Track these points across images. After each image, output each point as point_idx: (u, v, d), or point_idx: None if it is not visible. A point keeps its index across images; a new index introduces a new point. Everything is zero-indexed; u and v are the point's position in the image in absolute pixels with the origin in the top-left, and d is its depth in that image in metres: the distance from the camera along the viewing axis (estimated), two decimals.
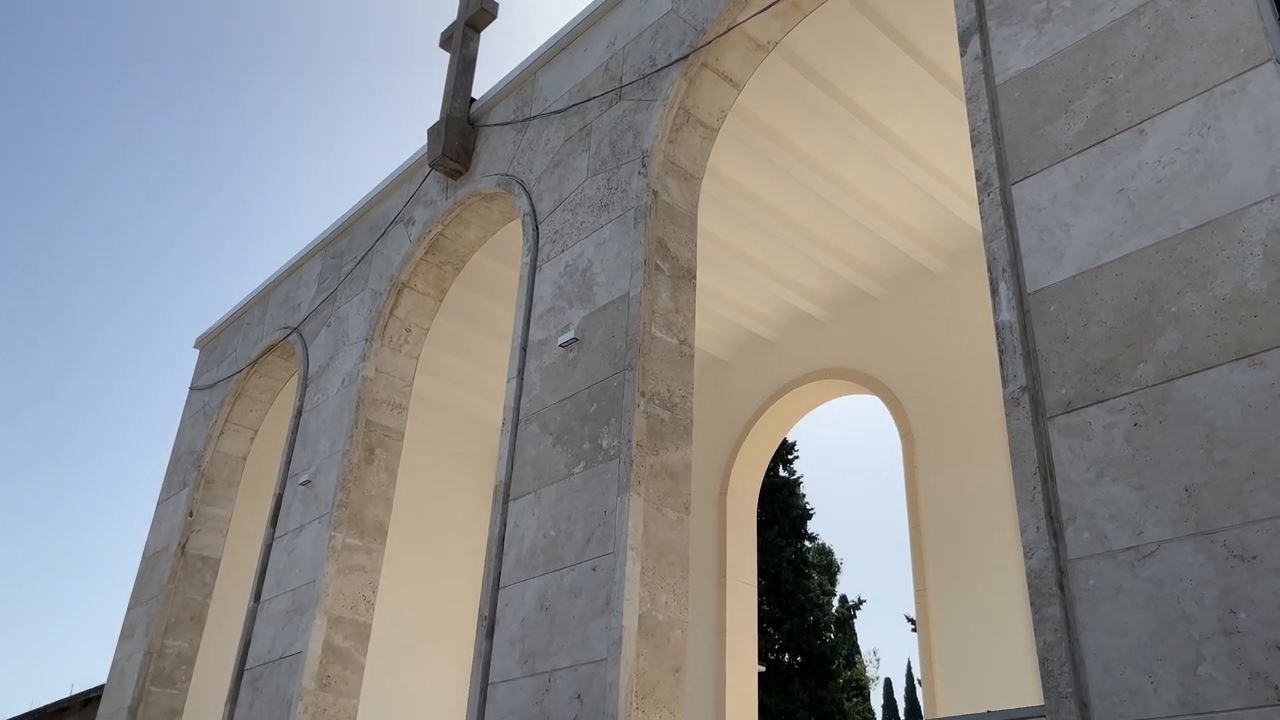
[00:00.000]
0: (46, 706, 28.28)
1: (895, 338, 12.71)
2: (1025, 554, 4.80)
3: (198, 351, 17.07)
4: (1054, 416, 4.99)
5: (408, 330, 12.18)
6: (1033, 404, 5.05)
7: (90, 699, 23.76)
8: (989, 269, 5.57)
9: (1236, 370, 4.46)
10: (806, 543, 26.69)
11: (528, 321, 9.57)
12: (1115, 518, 4.59)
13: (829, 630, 25.48)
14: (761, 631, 24.16)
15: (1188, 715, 4.09)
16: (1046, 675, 4.55)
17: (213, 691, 13.79)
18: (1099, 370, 4.89)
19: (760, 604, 24.54)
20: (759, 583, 24.23)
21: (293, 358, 14.51)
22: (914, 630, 23.49)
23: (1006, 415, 5.12)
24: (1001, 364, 5.27)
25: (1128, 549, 4.50)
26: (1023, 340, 5.22)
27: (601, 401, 8.23)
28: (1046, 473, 4.89)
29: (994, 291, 5.48)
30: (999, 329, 5.36)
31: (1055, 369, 5.07)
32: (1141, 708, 4.23)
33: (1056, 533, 4.76)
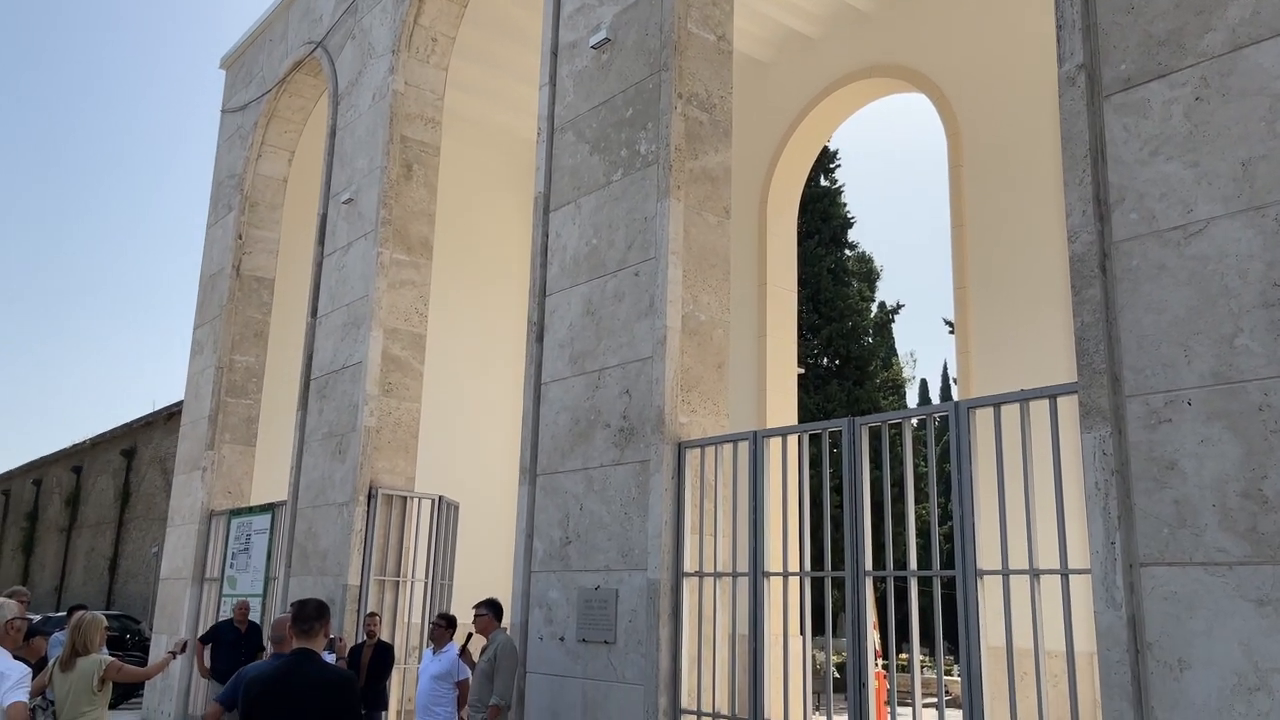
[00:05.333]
0: (133, 421, 30.51)
1: (945, 28, 12.01)
2: (1069, 238, 4.78)
3: (224, 73, 16.70)
4: (1110, 95, 4.78)
5: (434, 40, 11.73)
6: (1089, 82, 4.83)
7: (173, 413, 25.51)
8: None
9: None
10: (846, 251, 26.75)
11: (556, 22, 9.15)
12: (1165, 197, 4.51)
13: (867, 335, 26.09)
14: (800, 337, 24.80)
15: (1219, 385, 4.22)
16: (1082, 354, 4.67)
17: (283, 401, 14.69)
18: (1163, 42, 4.63)
19: (799, 312, 25.01)
20: (798, 291, 24.56)
21: (320, 74, 14.16)
22: (951, 332, 24.00)
23: (1060, 95, 4.92)
24: (1059, 41, 4.99)
25: (1175, 228, 4.46)
26: (1083, 13, 4.91)
27: (638, 105, 8.01)
28: (1098, 154, 4.76)
29: None
30: (1058, 1, 5.02)
31: (1116, 43, 4.80)
32: (1173, 379, 4.36)
33: (1103, 215, 4.71)
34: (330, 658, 8.24)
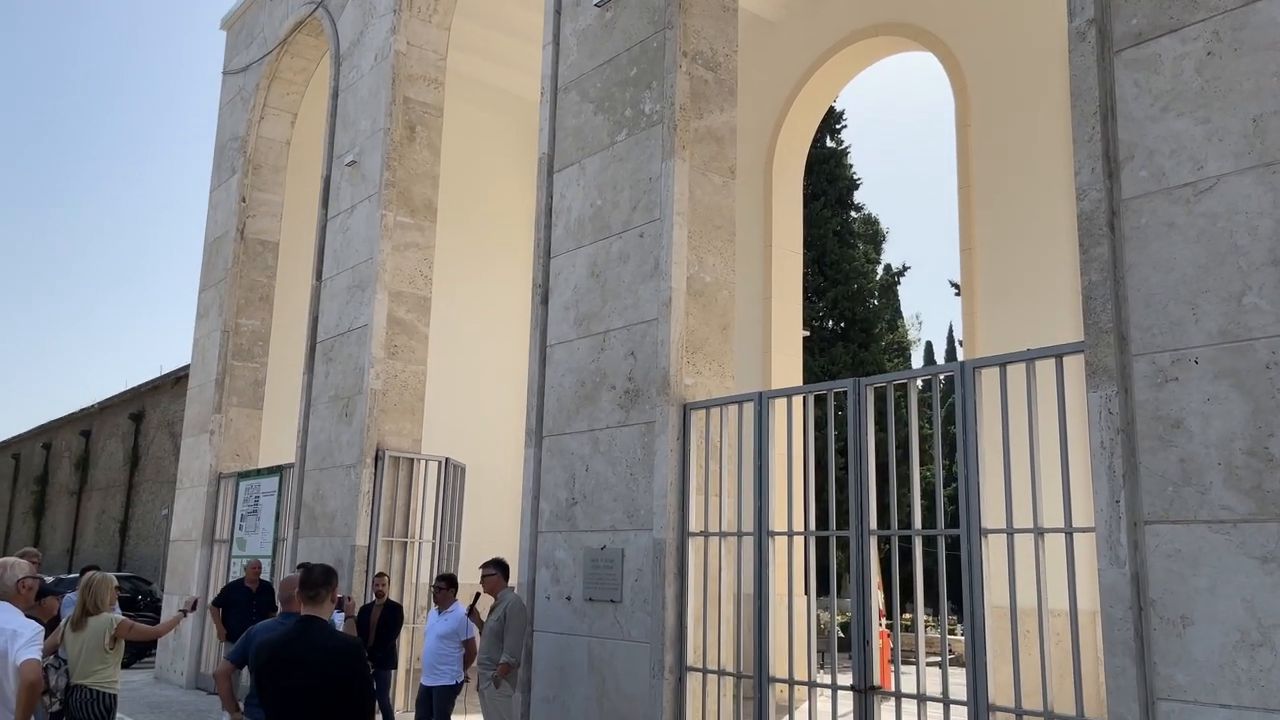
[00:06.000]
0: (141, 385, 30.63)
1: None
2: (1078, 196, 4.74)
3: (225, 33, 16.55)
4: (1121, 50, 4.72)
5: None
6: (1100, 37, 4.76)
7: (180, 377, 25.59)
8: None
9: None
10: (852, 213, 26.57)
11: None
12: (1176, 153, 4.46)
13: (872, 297, 25.98)
14: (806, 300, 24.71)
15: (1227, 343, 4.20)
16: (1089, 313, 4.65)
17: (289, 364, 14.71)
18: None
19: (805, 274, 24.90)
20: (804, 253, 24.44)
21: (322, 35, 14.03)
22: (957, 295, 23.92)
23: (1070, 51, 4.85)
24: None
25: (1185, 185, 4.42)
26: None
27: (642, 64, 7.93)
28: (1108, 111, 4.71)
29: None
30: None
31: None
32: (1180, 338, 4.34)
33: (1112, 173, 4.67)
34: (339, 617, 8.33)
